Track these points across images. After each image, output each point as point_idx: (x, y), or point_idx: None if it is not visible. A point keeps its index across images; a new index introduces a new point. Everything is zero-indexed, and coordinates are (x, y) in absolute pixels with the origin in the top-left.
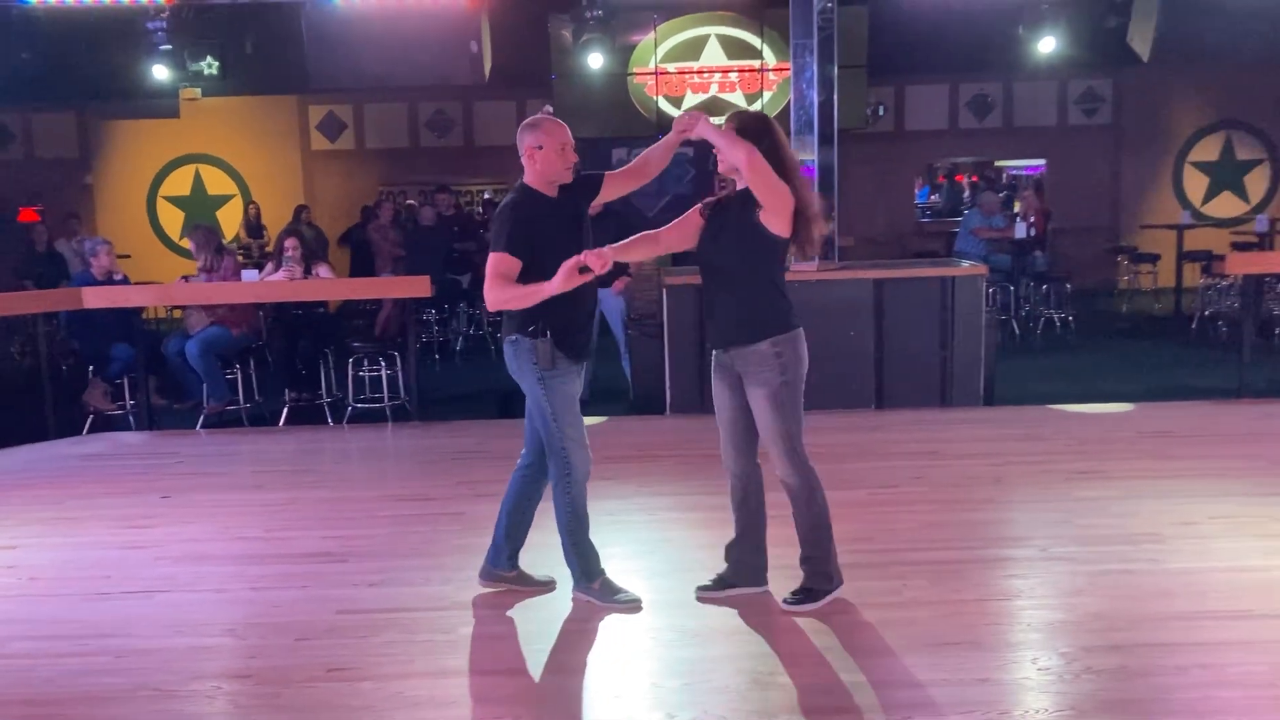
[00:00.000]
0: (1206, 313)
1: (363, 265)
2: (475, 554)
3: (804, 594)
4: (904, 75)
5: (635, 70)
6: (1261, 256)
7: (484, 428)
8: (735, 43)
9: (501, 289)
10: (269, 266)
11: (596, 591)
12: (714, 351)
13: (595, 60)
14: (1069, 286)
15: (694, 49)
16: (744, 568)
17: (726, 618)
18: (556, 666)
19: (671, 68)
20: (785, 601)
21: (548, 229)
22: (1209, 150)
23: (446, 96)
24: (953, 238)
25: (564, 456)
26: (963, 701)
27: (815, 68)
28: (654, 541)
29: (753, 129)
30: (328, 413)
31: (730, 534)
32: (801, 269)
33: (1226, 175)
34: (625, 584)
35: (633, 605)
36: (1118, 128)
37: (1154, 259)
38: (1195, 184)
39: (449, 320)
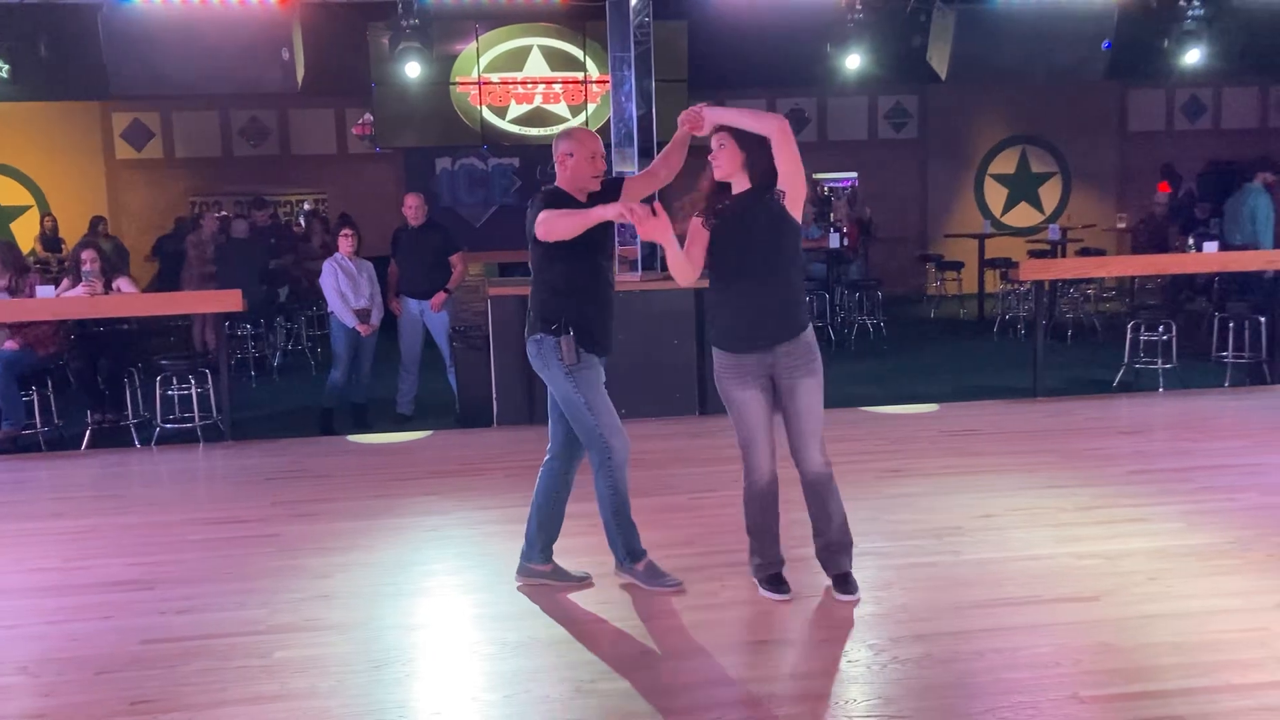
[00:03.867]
0: (1006, 317)
1: (173, 278)
2: (292, 576)
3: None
4: (724, 90)
5: (458, 80)
6: (1052, 263)
7: (301, 446)
8: (558, 54)
9: (558, 216)
10: (65, 282)
11: (641, 574)
12: (741, 355)
13: (414, 69)
14: (880, 294)
15: (517, 59)
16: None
17: (550, 628)
18: (376, 686)
19: (495, 78)
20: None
21: None
22: (1007, 164)
23: (261, 104)
24: None
25: (603, 442)
26: (776, 696)
27: (633, 81)
28: (475, 555)
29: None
30: (134, 434)
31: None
32: (626, 279)
33: (1023, 187)
34: (445, 598)
35: (675, 589)
36: (924, 142)
37: (958, 266)
38: (995, 195)
39: (266, 335)
